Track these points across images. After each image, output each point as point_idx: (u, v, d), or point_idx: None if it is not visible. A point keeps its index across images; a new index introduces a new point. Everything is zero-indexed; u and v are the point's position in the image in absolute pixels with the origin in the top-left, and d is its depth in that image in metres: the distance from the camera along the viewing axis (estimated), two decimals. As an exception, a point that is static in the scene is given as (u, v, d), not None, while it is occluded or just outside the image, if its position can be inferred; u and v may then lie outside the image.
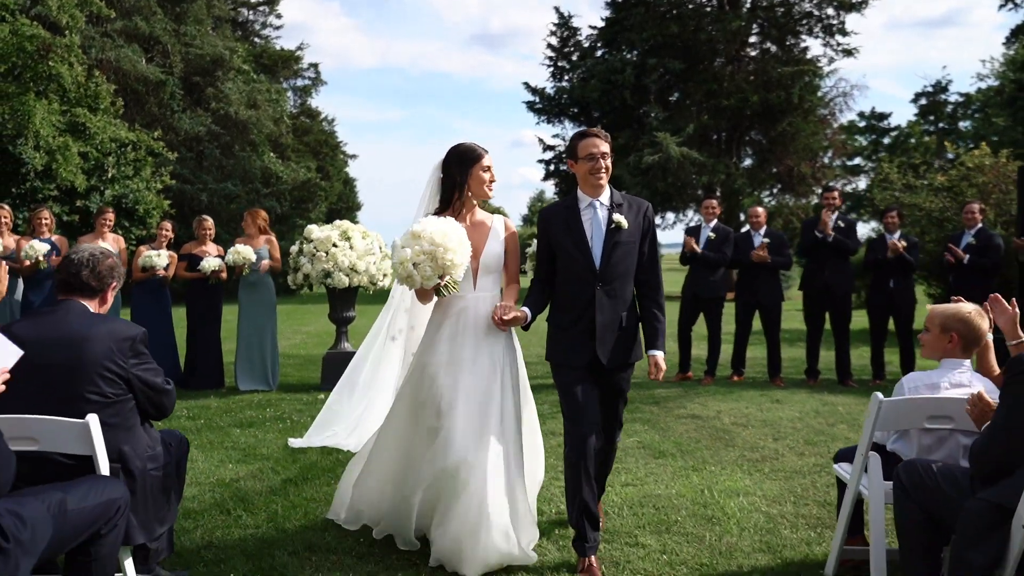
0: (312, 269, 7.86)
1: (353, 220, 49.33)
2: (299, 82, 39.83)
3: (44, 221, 8.38)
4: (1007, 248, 8.77)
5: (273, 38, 38.76)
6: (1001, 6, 34.93)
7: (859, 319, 10.69)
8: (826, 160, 28.97)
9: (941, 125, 54.91)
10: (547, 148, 29.13)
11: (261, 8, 38.29)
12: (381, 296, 8.77)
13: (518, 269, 4.00)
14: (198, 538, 4.00)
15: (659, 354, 3.76)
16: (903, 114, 53.47)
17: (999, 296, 3.28)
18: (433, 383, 3.72)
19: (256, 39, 37.43)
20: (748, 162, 27.52)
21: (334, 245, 7.91)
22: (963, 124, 53.61)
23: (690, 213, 27.69)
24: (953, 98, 53.06)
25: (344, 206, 45.97)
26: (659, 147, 24.11)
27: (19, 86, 14.38)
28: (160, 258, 8.21)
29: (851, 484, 3.33)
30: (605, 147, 3.73)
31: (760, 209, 9.16)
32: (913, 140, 55.31)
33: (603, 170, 3.70)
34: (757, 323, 8.91)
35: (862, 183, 44.15)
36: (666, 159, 23.96)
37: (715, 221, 9.07)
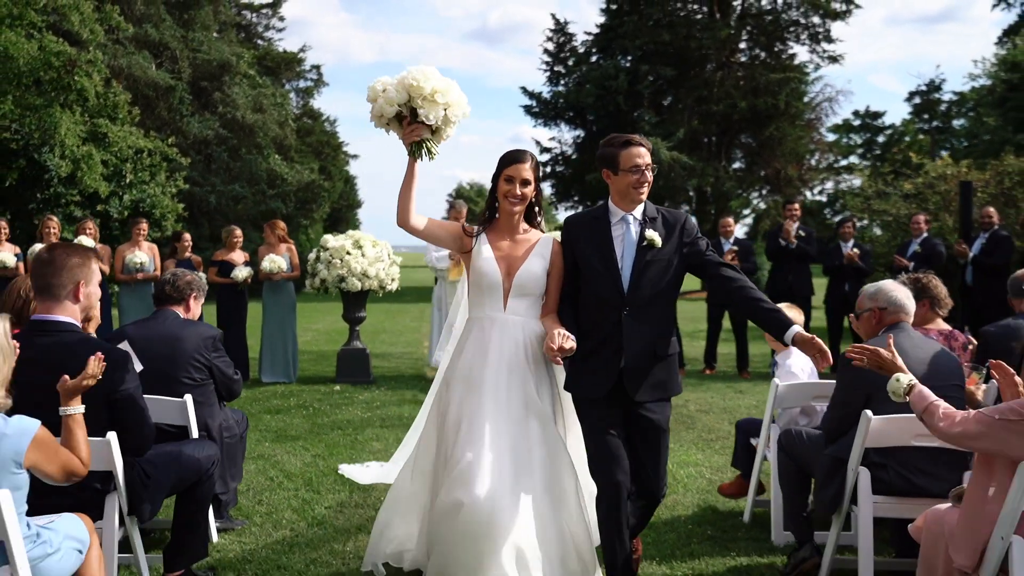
0: (328, 274, 8.85)
1: (354, 217, 50.06)
2: (301, 83, 40.82)
3: (52, 229, 9.48)
4: (949, 255, 9.77)
5: (276, 40, 39.63)
6: (994, 5, 35.59)
7: (819, 319, 11.67)
8: (813, 163, 29.93)
9: (935, 124, 55.88)
10: (544, 150, 30.08)
11: (264, 11, 39.19)
12: (389, 298, 9.79)
13: (559, 294, 3.51)
14: (251, 498, 4.99)
15: (796, 329, 3.18)
16: (902, 110, 54.46)
17: (1003, 364, 3.06)
18: (452, 406, 3.40)
19: (259, 41, 38.34)
20: (738, 165, 28.48)
21: (348, 253, 8.89)
22: (957, 122, 54.52)
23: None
24: (947, 96, 53.96)
25: (345, 204, 47.03)
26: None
27: (45, 99, 15.34)
28: (139, 256, 9.24)
29: (760, 449, 4.35)
30: (649, 157, 3.35)
31: (730, 219, 10.16)
32: (908, 139, 56.33)
33: (647, 184, 3.32)
34: (727, 322, 9.93)
35: (857, 181, 45.04)
36: (657, 163, 24.92)
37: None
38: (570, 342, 3.18)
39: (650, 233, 3.30)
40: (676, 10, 27.39)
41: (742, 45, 27.88)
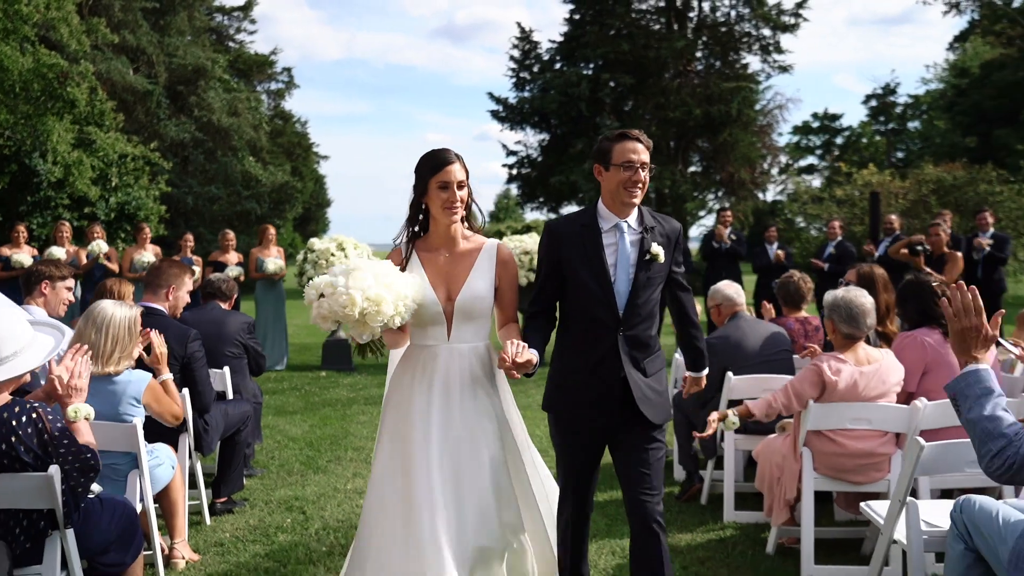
0: (315, 274, 10.00)
1: (323, 216, 50.73)
2: (273, 85, 41.71)
3: (64, 233, 10.59)
4: (860, 256, 11.18)
5: (247, 43, 40.39)
6: (945, 12, 37.12)
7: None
8: (765, 166, 31.49)
9: (891, 126, 58.03)
10: (510, 153, 31.32)
11: (236, 14, 39.93)
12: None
13: (515, 303, 3.19)
14: (265, 455, 6.16)
15: (701, 375, 3.28)
16: (861, 112, 56.19)
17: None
18: (401, 460, 2.99)
19: (231, 43, 39.10)
20: (694, 169, 29.95)
21: (332, 255, 10.05)
22: (912, 124, 56.69)
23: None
24: (903, 99, 56.02)
25: (315, 203, 48.00)
26: (611, 156, 26.51)
27: (37, 108, 16.26)
28: (145, 256, 10.42)
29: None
30: (646, 155, 2.99)
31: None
32: (865, 140, 58.43)
33: (641, 184, 2.97)
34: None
35: (817, 182, 46.89)
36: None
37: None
38: (527, 354, 2.80)
39: (655, 248, 2.97)
40: (635, 21, 28.74)
41: (698, 54, 29.31)
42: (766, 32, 28.36)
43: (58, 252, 10.25)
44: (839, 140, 58.65)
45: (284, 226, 36.44)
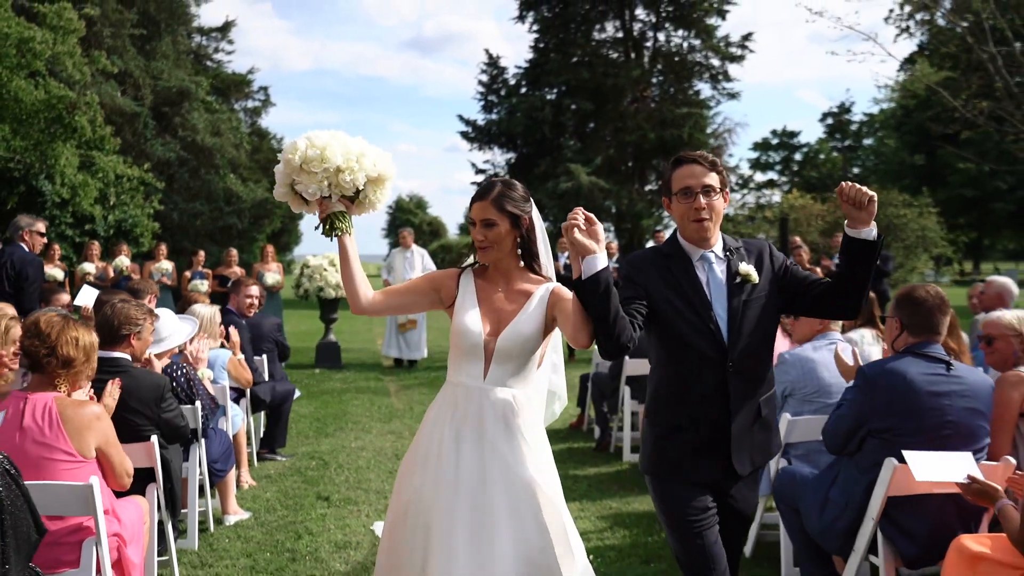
0: (310, 285, 11.80)
1: (296, 228, 51.96)
2: (249, 103, 43.30)
3: (94, 251, 12.31)
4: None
5: (225, 63, 41.96)
6: (897, 36, 39.13)
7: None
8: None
9: (847, 143, 60.77)
10: (479, 171, 33.27)
11: (214, 35, 41.52)
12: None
13: (586, 328, 2.63)
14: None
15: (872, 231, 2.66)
16: (819, 128, 58.52)
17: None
18: (418, 509, 2.73)
19: (208, 63, 40.65)
20: (650, 187, 32.10)
21: (325, 269, 11.85)
22: (867, 141, 59.42)
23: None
24: (859, 117, 58.61)
25: (288, 215, 49.54)
26: (572, 176, 28.52)
27: (48, 135, 17.90)
28: (163, 264, 12.30)
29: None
30: (710, 176, 2.74)
31: (613, 243, 13.44)
32: (822, 156, 61.08)
33: (707, 213, 2.73)
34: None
35: (776, 197, 49.17)
36: (578, 186, 28.36)
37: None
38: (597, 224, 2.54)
39: (744, 267, 2.76)
40: (595, 51, 30.89)
41: (653, 81, 31.52)
42: (715, 62, 30.66)
43: (89, 267, 11.92)
44: (798, 156, 61.30)
45: (261, 239, 38.04)
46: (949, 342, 4.05)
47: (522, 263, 2.87)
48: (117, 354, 3.89)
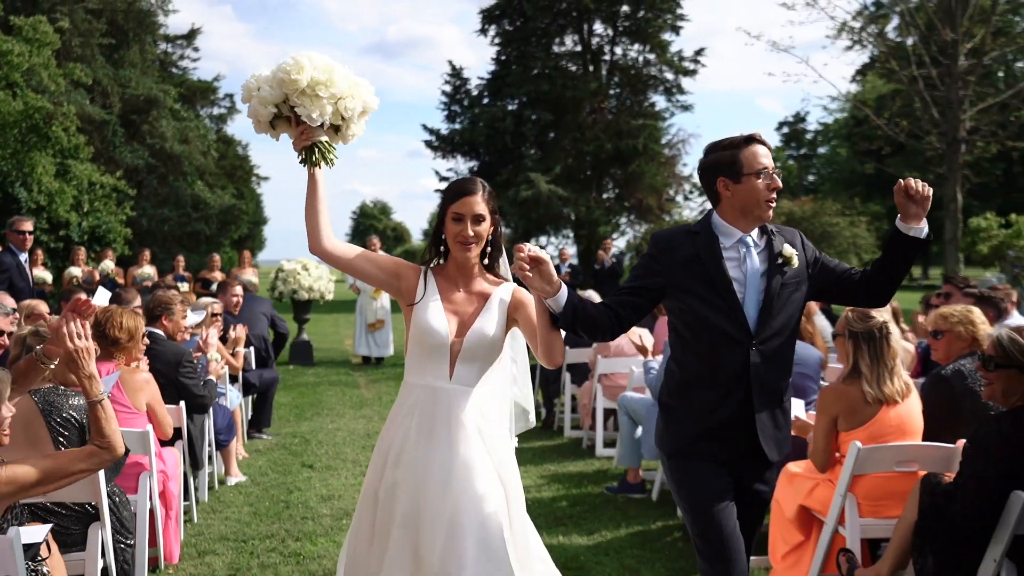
0: (285, 288, 12.72)
1: (260, 234, 52.76)
2: (215, 110, 43.85)
3: (80, 256, 13.13)
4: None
5: (191, 70, 42.50)
6: (848, 48, 40.27)
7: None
8: (671, 193, 35.14)
9: (803, 151, 62.69)
10: (443, 179, 34.28)
11: (180, 42, 42.06)
12: (328, 307, 13.57)
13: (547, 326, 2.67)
14: (265, 413, 8.93)
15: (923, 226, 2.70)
16: (776, 137, 59.81)
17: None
18: (388, 501, 2.73)
19: (174, 69, 41.17)
20: (607, 196, 33.37)
21: (298, 273, 12.79)
22: (822, 150, 61.34)
23: (558, 239, 33.41)
24: (813, 126, 60.43)
25: (253, 221, 50.13)
26: (532, 184, 29.68)
27: (24, 145, 18.59)
28: (145, 269, 13.11)
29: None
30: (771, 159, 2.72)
31: (566, 250, 14.56)
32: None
33: (777, 191, 2.72)
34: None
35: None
36: (537, 194, 29.52)
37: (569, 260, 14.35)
38: (543, 253, 2.51)
39: (788, 249, 2.75)
40: (555, 63, 32.10)
41: (611, 93, 32.82)
42: (669, 76, 32.04)
43: (75, 271, 12.72)
44: (755, 163, 62.91)
45: (227, 244, 38.65)
46: (807, 325, 5.18)
47: (485, 262, 2.88)
48: (151, 329, 4.91)
